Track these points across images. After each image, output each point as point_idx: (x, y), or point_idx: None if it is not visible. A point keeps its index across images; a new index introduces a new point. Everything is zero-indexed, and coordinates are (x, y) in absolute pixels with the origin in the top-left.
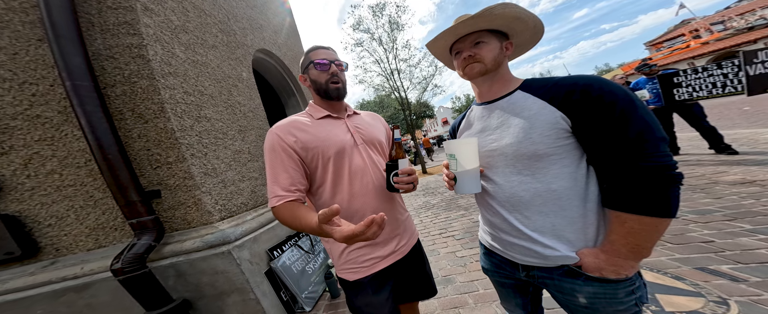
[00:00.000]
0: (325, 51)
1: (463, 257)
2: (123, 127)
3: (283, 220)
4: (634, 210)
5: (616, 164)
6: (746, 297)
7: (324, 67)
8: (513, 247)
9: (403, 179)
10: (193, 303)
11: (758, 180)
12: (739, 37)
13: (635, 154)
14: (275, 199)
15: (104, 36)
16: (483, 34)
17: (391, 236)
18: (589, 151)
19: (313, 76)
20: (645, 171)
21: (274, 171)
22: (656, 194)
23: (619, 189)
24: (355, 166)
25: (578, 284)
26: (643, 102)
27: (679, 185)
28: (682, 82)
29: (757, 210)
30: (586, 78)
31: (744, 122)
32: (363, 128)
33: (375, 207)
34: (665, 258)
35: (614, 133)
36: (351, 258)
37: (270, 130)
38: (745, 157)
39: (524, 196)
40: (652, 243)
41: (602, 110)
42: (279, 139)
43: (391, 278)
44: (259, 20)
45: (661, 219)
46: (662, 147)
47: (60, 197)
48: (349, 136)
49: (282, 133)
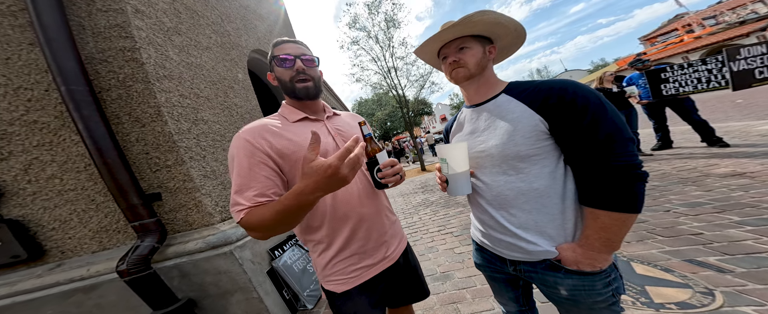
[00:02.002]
0: (290, 45)
1: (461, 253)
2: (120, 130)
3: (260, 223)
4: (605, 206)
5: (589, 163)
6: (731, 287)
7: (288, 63)
8: (500, 243)
9: (388, 172)
10: (197, 302)
11: (748, 172)
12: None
13: (605, 154)
14: (239, 211)
15: (96, 39)
16: (466, 40)
17: (378, 244)
18: (565, 151)
19: (278, 74)
20: (613, 170)
21: (240, 181)
22: (624, 191)
23: (592, 186)
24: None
25: (559, 277)
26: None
27: (644, 182)
28: (669, 77)
29: (745, 201)
30: (562, 83)
31: (737, 115)
32: (345, 130)
33: (361, 213)
34: (656, 250)
35: (586, 134)
36: (338, 269)
37: (237, 134)
38: (736, 150)
39: (509, 195)
40: (622, 237)
41: (575, 113)
42: (249, 143)
43: (381, 286)
44: (253, 20)
45: (628, 215)
46: (630, 147)
47: (62, 201)
48: (330, 139)
49: (252, 137)
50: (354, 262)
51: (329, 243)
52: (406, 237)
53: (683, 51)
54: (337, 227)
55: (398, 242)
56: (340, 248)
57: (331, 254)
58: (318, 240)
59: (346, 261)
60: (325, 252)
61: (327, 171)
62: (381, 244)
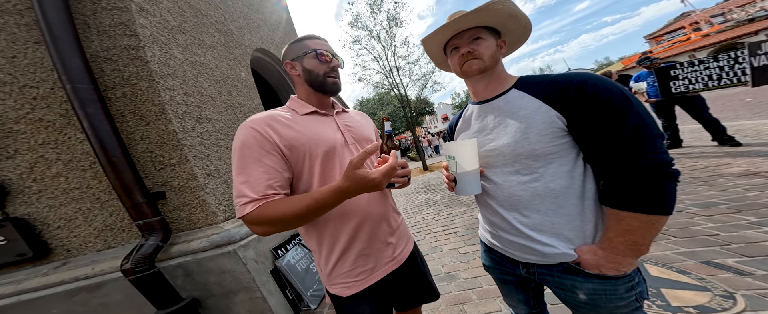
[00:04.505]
0: (326, 43)
1: (465, 253)
2: (125, 129)
3: (278, 217)
4: (631, 207)
5: (613, 161)
6: (753, 290)
7: (325, 58)
8: (512, 245)
9: (398, 172)
10: (201, 301)
11: (762, 172)
12: (740, 28)
13: (632, 150)
14: (246, 204)
15: (101, 38)
16: (480, 31)
17: (385, 245)
18: (586, 148)
19: (310, 66)
20: (642, 169)
21: (246, 171)
22: (653, 191)
23: (616, 186)
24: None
25: (578, 281)
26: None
27: (676, 181)
28: (678, 75)
29: (761, 202)
30: (581, 75)
31: (747, 113)
32: (353, 126)
33: (367, 210)
34: (670, 252)
35: (610, 129)
36: (344, 272)
37: (243, 124)
38: (749, 149)
39: (523, 196)
40: (650, 240)
41: (598, 107)
42: (257, 132)
43: (389, 288)
44: (256, 19)
45: (658, 217)
46: (659, 143)
47: (67, 199)
48: (339, 135)
49: (260, 127)
50: (360, 264)
51: (334, 243)
52: (413, 238)
53: (690, 49)
54: (342, 227)
55: (405, 243)
56: (345, 249)
57: (337, 256)
58: (323, 240)
59: (352, 263)
60: (330, 254)
61: (369, 183)
62: (387, 245)
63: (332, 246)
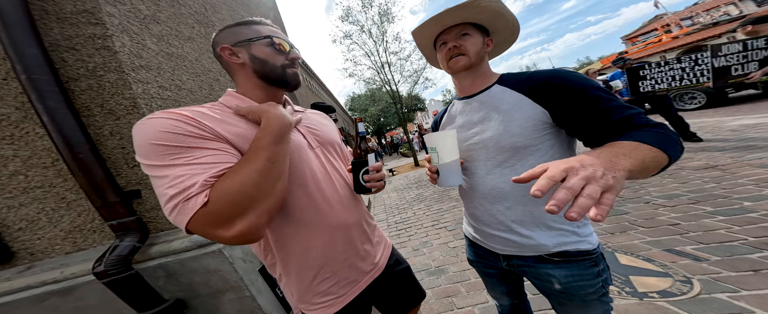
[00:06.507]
0: (278, 31)
1: (455, 247)
2: (92, 124)
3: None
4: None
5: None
6: (707, 275)
7: (281, 47)
8: (493, 239)
9: (374, 177)
10: (187, 302)
11: (720, 165)
12: (706, 31)
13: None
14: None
15: (62, 25)
16: (468, 27)
17: (364, 253)
18: (581, 134)
19: (262, 54)
20: (644, 124)
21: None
22: (661, 133)
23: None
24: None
25: (550, 268)
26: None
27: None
28: (646, 75)
29: (718, 193)
30: (557, 71)
31: (709, 111)
32: (316, 128)
33: (343, 219)
34: (637, 241)
35: (594, 108)
36: (321, 291)
37: (150, 116)
38: (709, 144)
39: (504, 188)
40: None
41: (576, 95)
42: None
43: (372, 298)
44: (240, 11)
45: (665, 156)
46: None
47: (28, 199)
48: (299, 137)
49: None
50: (338, 280)
51: (304, 259)
52: (390, 241)
53: (661, 50)
54: (314, 234)
55: (383, 249)
56: (322, 264)
57: (312, 274)
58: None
59: (328, 280)
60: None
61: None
62: (367, 254)
63: (303, 261)
